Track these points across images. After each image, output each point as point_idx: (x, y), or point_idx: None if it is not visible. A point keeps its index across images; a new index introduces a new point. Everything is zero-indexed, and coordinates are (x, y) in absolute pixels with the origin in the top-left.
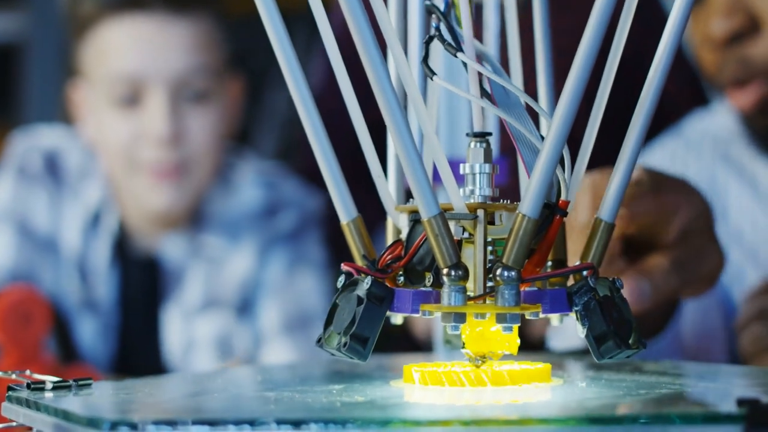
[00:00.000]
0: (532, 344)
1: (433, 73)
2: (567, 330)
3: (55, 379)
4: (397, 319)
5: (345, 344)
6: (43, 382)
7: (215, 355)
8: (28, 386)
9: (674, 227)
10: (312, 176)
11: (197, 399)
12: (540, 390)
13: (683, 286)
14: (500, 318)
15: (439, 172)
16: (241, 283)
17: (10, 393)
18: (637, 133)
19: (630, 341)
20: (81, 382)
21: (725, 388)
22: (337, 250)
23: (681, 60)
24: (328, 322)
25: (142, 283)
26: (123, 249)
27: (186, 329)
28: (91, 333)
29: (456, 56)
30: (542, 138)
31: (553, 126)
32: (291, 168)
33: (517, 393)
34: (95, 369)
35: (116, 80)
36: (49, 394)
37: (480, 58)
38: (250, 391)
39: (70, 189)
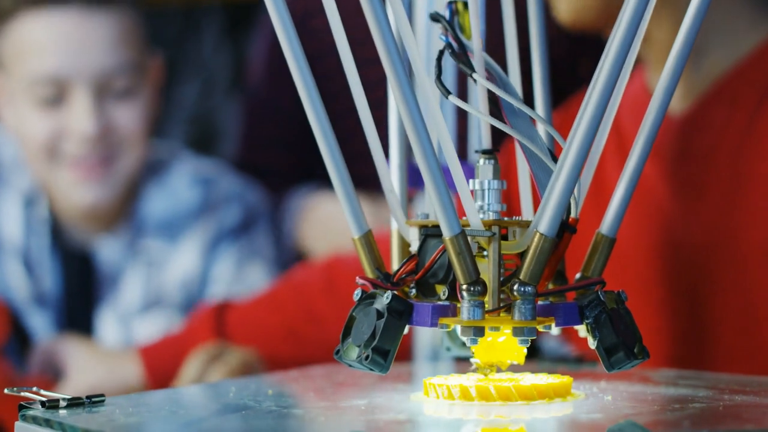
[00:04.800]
0: None
1: (449, 92)
2: None
3: (68, 396)
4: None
5: (367, 357)
6: (57, 400)
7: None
8: (43, 404)
9: None
10: (237, 165)
11: (230, 417)
12: (573, 404)
13: None
14: (517, 332)
15: (458, 190)
16: (184, 282)
17: (24, 412)
18: (642, 149)
19: (636, 351)
20: (94, 399)
21: (753, 401)
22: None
23: None
24: (346, 335)
25: (79, 278)
26: (60, 240)
27: (123, 332)
28: (43, 330)
29: (471, 76)
30: (550, 152)
31: (572, 150)
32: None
33: (552, 408)
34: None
35: (39, 81)
36: (63, 412)
37: (488, 70)
38: (276, 407)
39: (5, 180)
